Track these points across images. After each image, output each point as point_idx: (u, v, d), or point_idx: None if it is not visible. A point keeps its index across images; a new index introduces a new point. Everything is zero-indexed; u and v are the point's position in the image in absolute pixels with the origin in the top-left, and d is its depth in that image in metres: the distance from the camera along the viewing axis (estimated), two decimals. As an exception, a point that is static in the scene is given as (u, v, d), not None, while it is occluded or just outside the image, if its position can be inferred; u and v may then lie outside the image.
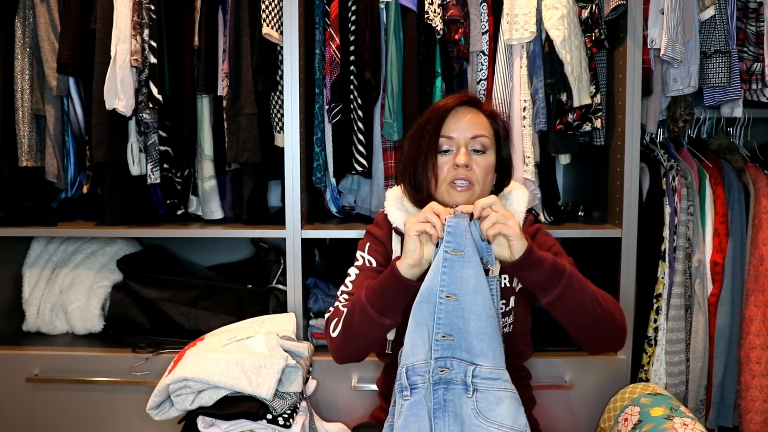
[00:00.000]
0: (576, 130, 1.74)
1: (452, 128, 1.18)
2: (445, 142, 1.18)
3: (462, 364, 1.04)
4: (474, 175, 1.18)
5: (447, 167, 1.18)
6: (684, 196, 1.80)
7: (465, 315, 1.04)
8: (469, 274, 1.04)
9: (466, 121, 1.18)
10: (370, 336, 1.14)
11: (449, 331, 1.04)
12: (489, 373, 1.03)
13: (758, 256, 1.81)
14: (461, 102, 1.22)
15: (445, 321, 1.04)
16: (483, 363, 1.04)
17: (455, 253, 1.03)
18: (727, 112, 1.89)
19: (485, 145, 1.19)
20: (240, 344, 1.47)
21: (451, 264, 1.03)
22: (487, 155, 1.20)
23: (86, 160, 1.89)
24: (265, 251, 2.01)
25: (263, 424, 1.36)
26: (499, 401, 1.02)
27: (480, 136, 1.18)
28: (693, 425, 1.32)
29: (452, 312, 1.04)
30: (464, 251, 1.03)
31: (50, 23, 1.81)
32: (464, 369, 1.04)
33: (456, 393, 1.04)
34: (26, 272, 1.98)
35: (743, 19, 1.84)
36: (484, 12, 1.77)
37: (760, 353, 1.80)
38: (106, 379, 1.71)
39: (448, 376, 1.04)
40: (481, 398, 1.03)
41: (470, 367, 1.04)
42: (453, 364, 1.04)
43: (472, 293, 1.04)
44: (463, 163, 1.16)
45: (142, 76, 1.71)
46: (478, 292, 1.04)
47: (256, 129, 1.74)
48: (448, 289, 1.04)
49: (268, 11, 1.67)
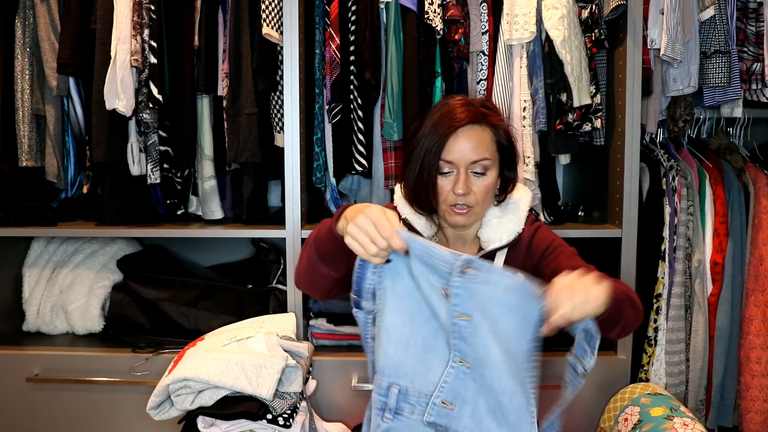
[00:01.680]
0: (576, 130, 1.74)
1: (453, 151, 1.14)
2: (445, 165, 1.15)
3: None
4: (473, 199, 1.16)
5: (447, 190, 1.15)
6: (684, 196, 1.80)
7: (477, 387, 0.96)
8: (480, 342, 0.95)
9: (468, 145, 1.14)
10: (314, 276, 1.09)
11: (452, 400, 0.97)
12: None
13: (758, 256, 1.81)
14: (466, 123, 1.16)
15: (450, 389, 0.97)
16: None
17: (463, 318, 0.95)
18: (727, 112, 1.89)
19: (486, 166, 1.16)
20: (240, 344, 1.47)
21: (459, 329, 0.95)
22: (488, 176, 1.17)
23: (86, 160, 1.89)
24: (265, 251, 2.01)
25: (263, 424, 1.36)
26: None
27: (481, 159, 1.15)
28: (693, 425, 1.32)
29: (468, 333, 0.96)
30: (471, 317, 0.94)
31: (50, 23, 1.81)
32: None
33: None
34: (26, 272, 1.98)
35: (743, 19, 1.84)
36: (484, 12, 1.77)
37: (760, 353, 1.80)
38: (106, 379, 1.71)
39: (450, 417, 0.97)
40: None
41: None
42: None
43: (482, 364, 0.95)
44: (461, 193, 1.14)
45: (142, 76, 1.71)
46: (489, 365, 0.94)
47: (256, 129, 1.74)
48: (460, 356, 0.96)
49: (268, 11, 1.67)
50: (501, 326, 0.95)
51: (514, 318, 0.94)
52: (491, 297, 0.94)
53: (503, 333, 0.95)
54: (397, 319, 0.99)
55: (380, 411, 0.99)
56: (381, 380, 0.99)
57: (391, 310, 0.99)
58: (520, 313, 0.94)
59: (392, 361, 0.99)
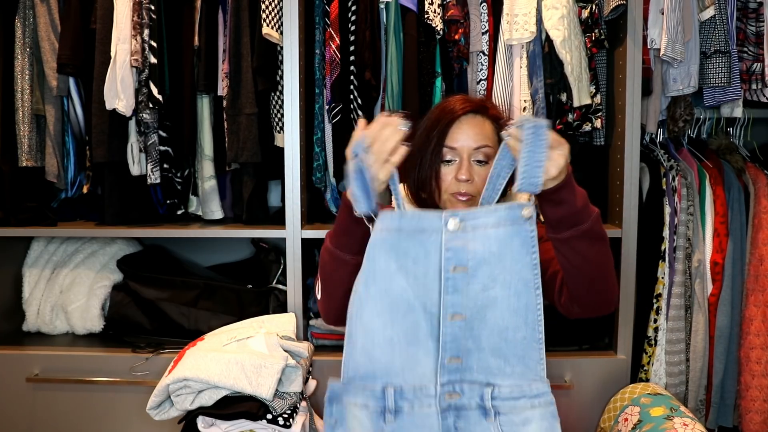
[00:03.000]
0: (576, 130, 1.74)
1: (456, 138, 1.15)
2: (448, 152, 1.15)
3: (474, 386, 0.97)
4: (475, 188, 1.15)
5: (450, 178, 1.15)
6: (684, 196, 1.79)
7: (476, 332, 0.97)
8: (475, 290, 0.96)
9: (471, 131, 1.15)
10: (343, 280, 1.07)
11: (457, 353, 0.97)
12: (510, 393, 0.96)
13: (758, 256, 1.81)
14: (467, 111, 1.18)
15: (452, 343, 0.97)
16: (502, 382, 0.97)
17: (458, 271, 0.95)
18: (727, 112, 1.89)
19: (488, 155, 1.16)
20: (240, 344, 1.47)
21: (454, 285, 0.96)
22: (490, 165, 1.15)
23: (86, 160, 1.89)
24: (265, 251, 2.01)
25: (263, 424, 1.36)
26: (526, 422, 0.96)
27: (483, 146, 1.15)
28: (693, 425, 1.32)
29: (460, 333, 0.97)
30: (467, 267, 0.95)
31: (50, 23, 1.81)
32: (479, 392, 0.97)
33: (471, 420, 0.97)
34: (26, 272, 1.98)
35: (743, 19, 1.84)
36: (484, 12, 1.77)
37: (760, 353, 1.80)
38: (106, 379, 1.71)
39: (459, 402, 0.97)
40: (505, 421, 0.96)
41: (487, 389, 0.97)
42: (464, 389, 0.98)
43: (483, 309, 0.96)
44: (465, 179, 1.14)
45: (142, 76, 1.71)
46: (490, 306, 0.95)
47: (256, 129, 1.74)
48: (452, 310, 0.96)
49: (268, 11, 1.67)
50: (500, 263, 0.96)
51: (511, 248, 0.96)
52: (484, 238, 0.96)
53: (504, 268, 0.96)
54: (376, 321, 0.99)
55: (380, 414, 0.99)
56: (373, 384, 0.99)
57: (369, 313, 1.00)
58: (515, 241, 0.96)
59: (382, 364, 0.99)
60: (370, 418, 1.00)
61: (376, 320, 0.99)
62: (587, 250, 1.02)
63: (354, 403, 1.01)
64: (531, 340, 0.98)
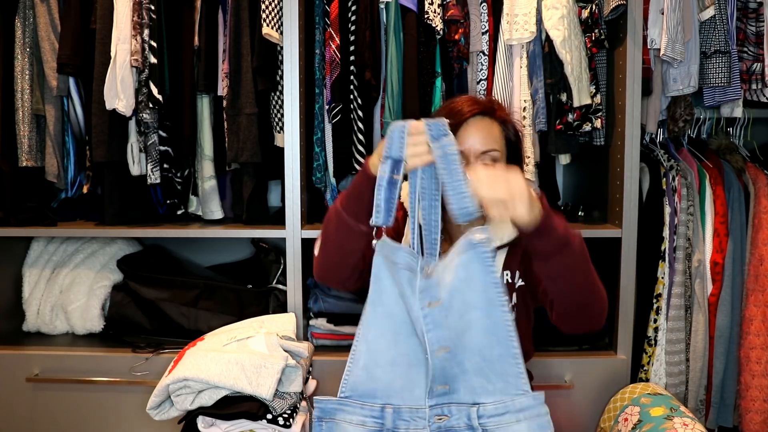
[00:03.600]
0: (576, 130, 1.74)
1: (463, 141, 1.14)
2: None
3: (462, 407, 0.99)
4: None
5: None
6: (684, 196, 1.79)
7: (459, 359, 0.99)
8: (454, 319, 0.98)
9: (478, 135, 1.15)
10: (347, 247, 1.08)
11: (444, 381, 0.99)
12: (495, 410, 0.98)
13: (758, 256, 1.81)
14: (474, 113, 1.18)
15: (440, 373, 0.99)
16: (486, 400, 0.98)
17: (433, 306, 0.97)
18: (727, 112, 1.89)
19: (495, 158, 1.16)
20: (240, 344, 1.47)
21: (433, 320, 0.98)
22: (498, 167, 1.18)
23: (86, 160, 1.89)
24: (265, 251, 2.01)
25: (263, 424, 1.36)
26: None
27: (490, 150, 1.15)
28: (693, 425, 1.32)
29: (446, 363, 0.99)
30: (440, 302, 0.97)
31: (50, 23, 1.81)
32: (466, 412, 0.99)
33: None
34: (26, 272, 1.98)
35: (743, 19, 1.84)
36: (484, 12, 1.77)
37: (760, 353, 1.80)
38: (106, 379, 1.71)
39: (447, 424, 0.99)
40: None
41: (473, 408, 0.98)
42: (452, 410, 0.99)
43: (462, 334, 0.98)
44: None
45: (142, 76, 1.71)
46: (467, 330, 0.98)
47: (256, 129, 1.74)
48: (438, 345, 0.98)
49: (268, 11, 1.67)
50: (469, 287, 0.98)
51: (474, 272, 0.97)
52: (451, 269, 0.98)
53: (473, 291, 0.98)
54: (381, 341, 1.01)
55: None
56: (373, 402, 1.01)
57: (374, 333, 1.02)
58: (476, 265, 0.97)
59: (382, 383, 1.01)
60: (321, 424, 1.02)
61: (381, 341, 1.01)
62: (573, 275, 1.03)
63: (350, 421, 1.02)
64: (507, 356, 0.99)
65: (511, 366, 0.99)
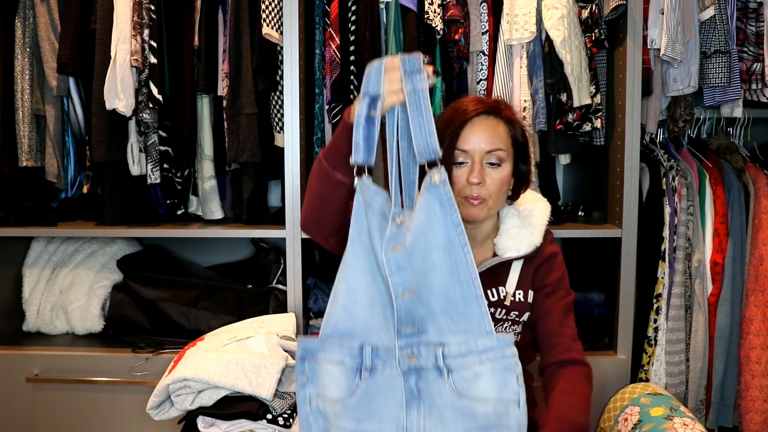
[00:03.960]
0: (576, 130, 1.74)
1: (468, 140, 1.14)
2: (460, 154, 1.14)
3: (430, 347, 1.00)
4: (487, 191, 1.15)
5: (462, 181, 1.14)
6: (684, 196, 1.79)
7: (425, 300, 0.99)
8: (417, 262, 0.98)
9: (483, 134, 1.14)
10: (326, 197, 1.08)
11: (412, 322, 1.00)
12: (458, 350, 0.98)
13: (758, 256, 1.81)
14: (480, 112, 1.16)
15: (407, 316, 0.99)
16: (450, 339, 0.99)
17: (396, 251, 0.97)
18: (727, 112, 1.89)
19: (501, 158, 1.15)
20: (240, 344, 1.47)
21: (397, 264, 0.98)
22: (503, 168, 1.16)
23: (86, 160, 1.89)
24: (265, 251, 2.01)
25: (263, 424, 1.36)
26: (477, 376, 0.97)
27: (496, 150, 1.14)
28: (693, 425, 1.32)
29: (412, 306, 0.99)
30: (404, 246, 0.97)
31: (50, 23, 1.81)
32: (434, 352, 0.99)
33: (430, 380, 0.99)
34: (26, 272, 1.98)
35: (743, 19, 1.84)
36: (484, 12, 1.77)
37: (760, 353, 1.80)
38: (106, 379, 1.71)
39: (417, 364, 1.00)
40: (457, 378, 0.98)
41: (439, 348, 0.99)
42: (421, 351, 1.00)
43: (426, 275, 0.98)
44: (476, 182, 1.13)
45: (142, 76, 1.71)
46: (431, 271, 0.98)
47: (256, 129, 1.74)
48: (402, 288, 0.98)
49: (268, 11, 1.67)
50: (429, 228, 0.98)
51: (434, 212, 0.98)
52: (415, 215, 0.99)
53: (434, 232, 0.98)
54: (360, 280, 1.01)
55: (354, 372, 1.01)
56: (351, 342, 1.02)
57: (354, 272, 1.02)
58: (435, 205, 0.98)
59: (361, 323, 1.02)
60: (345, 375, 1.02)
61: (360, 280, 1.01)
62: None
63: (329, 360, 1.03)
64: (468, 296, 0.99)
65: (473, 307, 0.99)
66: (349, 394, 1.01)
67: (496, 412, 0.97)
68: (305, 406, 1.05)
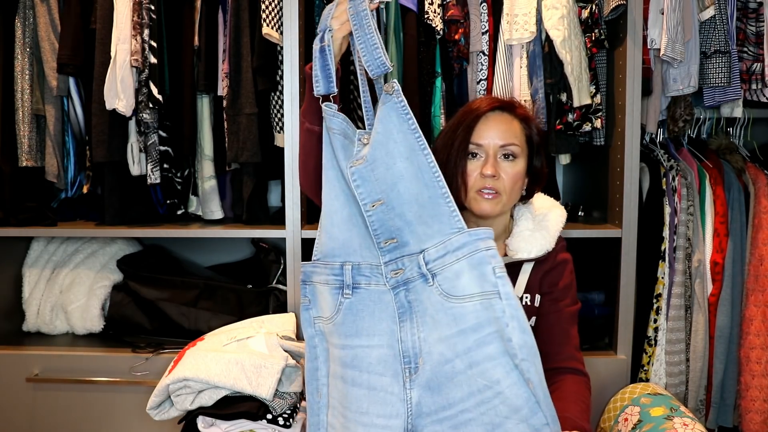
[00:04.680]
0: (576, 130, 1.74)
1: (482, 135, 1.15)
2: (474, 148, 1.16)
3: (413, 258, 1.00)
4: (501, 185, 1.15)
5: (475, 174, 1.15)
6: (684, 196, 1.79)
7: (398, 210, 1.00)
8: (382, 172, 0.99)
9: (498, 129, 1.16)
10: (306, 147, 1.13)
11: (390, 235, 1.01)
12: (436, 252, 0.99)
13: (758, 256, 1.81)
14: (494, 107, 1.18)
15: (381, 227, 1.00)
16: (428, 243, 0.99)
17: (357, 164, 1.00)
18: (727, 112, 1.89)
19: (515, 153, 1.16)
20: (240, 344, 1.47)
21: (360, 176, 0.99)
22: (517, 162, 1.17)
23: (86, 160, 1.89)
24: (265, 251, 2.01)
25: (263, 424, 1.36)
26: (458, 275, 0.98)
27: (510, 144, 1.15)
28: (693, 425, 1.32)
29: (384, 216, 1.00)
30: (365, 158, 0.99)
31: (50, 23, 1.81)
32: (416, 262, 1.00)
33: (418, 290, 1.00)
34: (26, 272, 1.98)
35: (743, 19, 1.84)
36: (484, 12, 1.77)
37: (760, 353, 1.80)
38: (106, 379, 1.71)
39: (404, 277, 1.01)
40: (442, 280, 0.99)
41: (419, 256, 1.00)
42: (404, 263, 1.01)
43: (395, 185, 0.99)
44: (491, 174, 1.14)
45: (142, 76, 1.71)
46: (399, 181, 0.99)
47: (256, 129, 1.74)
48: (370, 199, 1.00)
49: (268, 11, 1.67)
50: (389, 138, 1.00)
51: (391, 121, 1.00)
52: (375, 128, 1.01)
53: (395, 141, 1.00)
54: (335, 203, 1.04)
55: (337, 290, 1.04)
56: (332, 261, 1.05)
57: (329, 196, 1.05)
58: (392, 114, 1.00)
59: (339, 242, 1.04)
60: (330, 294, 1.05)
61: (335, 202, 1.04)
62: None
63: (319, 281, 1.07)
64: (436, 197, 1.00)
65: (442, 206, 1.00)
66: (335, 312, 1.04)
67: (483, 306, 0.97)
68: (310, 328, 1.10)
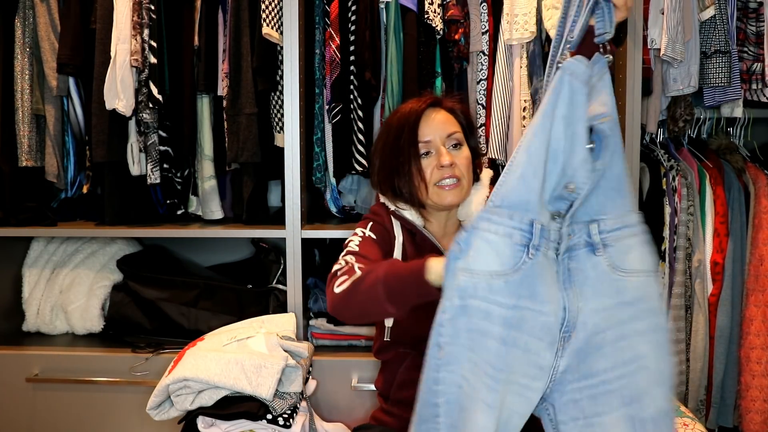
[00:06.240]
0: (576, 130, 1.74)
1: (427, 132, 1.23)
2: (423, 146, 1.22)
3: (581, 226, 0.98)
4: (459, 171, 1.22)
5: (431, 169, 1.22)
6: (684, 196, 1.80)
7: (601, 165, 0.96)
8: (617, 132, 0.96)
9: (438, 122, 1.24)
10: (368, 312, 1.09)
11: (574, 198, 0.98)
12: (614, 224, 0.98)
13: (758, 256, 1.81)
14: (427, 105, 1.26)
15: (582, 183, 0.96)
16: (605, 216, 0.98)
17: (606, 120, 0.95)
18: (727, 112, 1.89)
19: (459, 140, 1.25)
20: (240, 344, 1.47)
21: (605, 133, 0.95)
22: (464, 148, 1.26)
23: (86, 160, 1.89)
24: (265, 251, 2.01)
25: (263, 424, 1.36)
26: (629, 249, 0.98)
27: (454, 132, 1.24)
28: (693, 425, 1.32)
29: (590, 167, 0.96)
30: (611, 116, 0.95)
31: (50, 23, 1.81)
32: (586, 230, 0.98)
33: (580, 258, 0.98)
34: (26, 272, 1.98)
35: (743, 19, 1.84)
36: (484, 12, 1.77)
37: (760, 353, 1.80)
38: (106, 379, 1.71)
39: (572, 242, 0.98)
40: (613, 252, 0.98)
41: (593, 225, 0.97)
42: (574, 230, 0.98)
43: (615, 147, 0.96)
44: (448, 163, 1.21)
45: (142, 76, 1.71)
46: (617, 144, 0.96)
47: (256, 129, 1.74)
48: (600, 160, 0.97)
49: (268, 11, 1.67)
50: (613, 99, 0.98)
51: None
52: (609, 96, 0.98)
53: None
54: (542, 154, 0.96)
55: (522, 247, 0.95)
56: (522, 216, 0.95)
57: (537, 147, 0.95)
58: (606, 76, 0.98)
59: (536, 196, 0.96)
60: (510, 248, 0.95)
61: (542, 153, 0.95)
62: None
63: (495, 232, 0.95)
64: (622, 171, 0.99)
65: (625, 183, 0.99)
66: (513, 270, 0.94)
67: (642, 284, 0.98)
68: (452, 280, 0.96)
